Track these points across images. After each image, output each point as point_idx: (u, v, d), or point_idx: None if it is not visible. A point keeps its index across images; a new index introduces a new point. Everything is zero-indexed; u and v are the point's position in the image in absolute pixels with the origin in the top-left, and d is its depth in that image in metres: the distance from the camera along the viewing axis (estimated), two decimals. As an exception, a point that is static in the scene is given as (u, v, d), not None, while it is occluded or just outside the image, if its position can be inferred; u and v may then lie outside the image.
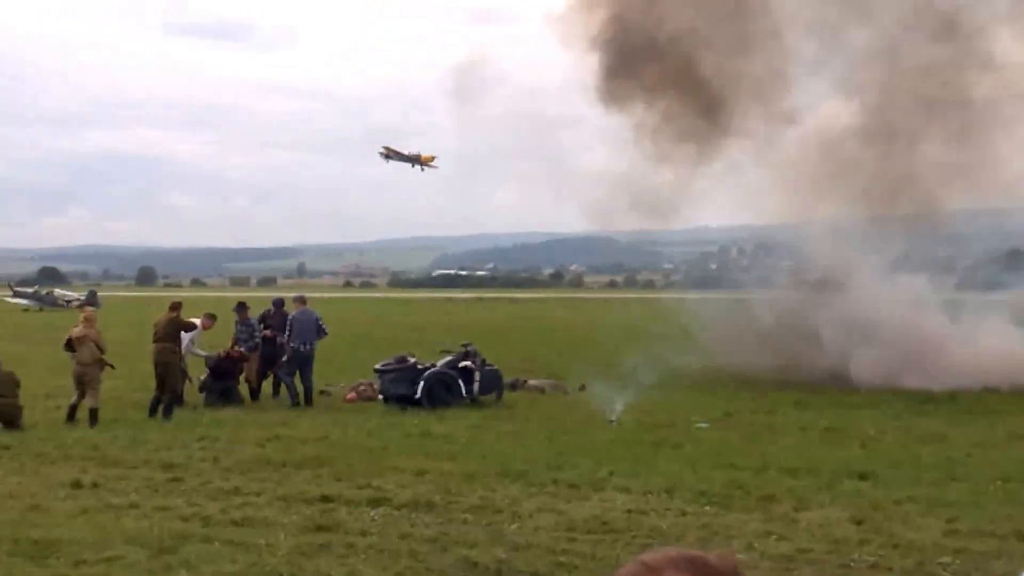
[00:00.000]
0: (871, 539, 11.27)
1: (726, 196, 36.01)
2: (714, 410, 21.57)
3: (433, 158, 58.10)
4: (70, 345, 19.82)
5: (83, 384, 19.48)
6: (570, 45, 33.22)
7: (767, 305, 31.74)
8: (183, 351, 22.03)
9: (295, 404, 21.74)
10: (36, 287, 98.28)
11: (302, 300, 23.59)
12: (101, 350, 19.66)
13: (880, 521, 11.99)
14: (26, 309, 78.67)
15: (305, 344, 22.39)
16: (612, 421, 19.62)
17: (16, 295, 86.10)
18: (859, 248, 30.82)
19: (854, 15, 30.15)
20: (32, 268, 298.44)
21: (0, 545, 10.76)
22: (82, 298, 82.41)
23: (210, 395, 22.45)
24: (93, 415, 19.07)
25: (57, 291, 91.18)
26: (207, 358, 23.01)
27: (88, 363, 19.47)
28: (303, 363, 22.40)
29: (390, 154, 65.15)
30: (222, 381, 22.69)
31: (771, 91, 30.53)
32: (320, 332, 22.94)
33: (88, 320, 20.22)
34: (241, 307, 23.72)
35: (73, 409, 19.45)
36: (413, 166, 64.15)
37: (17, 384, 19.06)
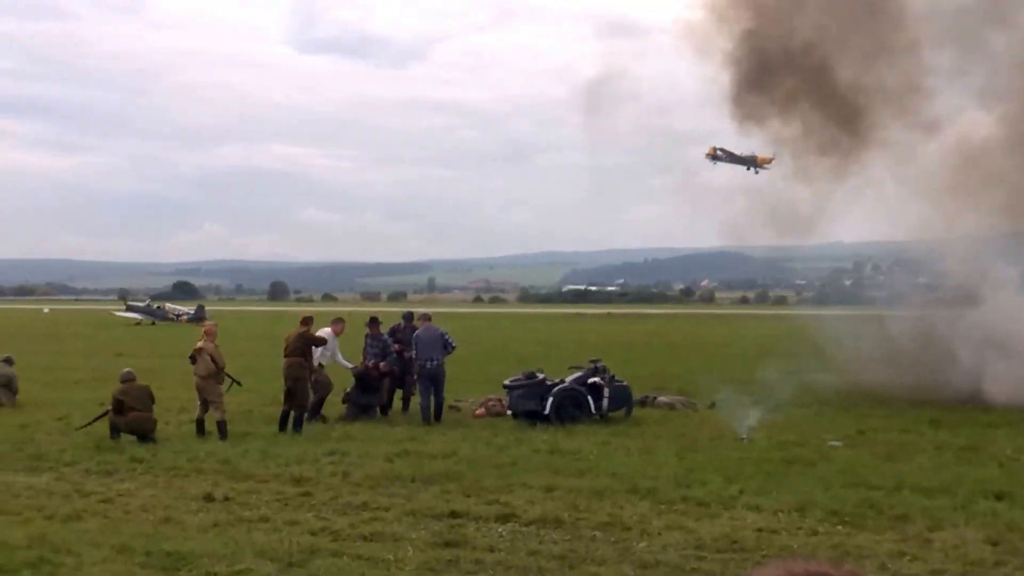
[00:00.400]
0: (1007, 560, 10.92)
1: (860, 211, 35.21)
2: (847, 428, 21.09)
3: (771, 159, 55.79)
4: (193, 358, 20.23)
5: (204, 397, 19.82)
6: (703, 59, 32.87)
7: (902, 322, 30.96)
8: (327, 361, 22.32)
9: (426, 421, 21.73)
10: (148, 301, 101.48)
11: (426, 317, 23.41)
12: (216, 364, 19.89)
13: (1016, 542, 11.62)
14: (138, 323, 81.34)
15: (431, 360, 22.11)
16: (743, 438, 19.31)
17: (129, 309, 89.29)
18: (998, 262, 29.87)
19: (994, 22, 29.28)
20: (167, 282, 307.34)
21: (133, 557, 11.01)
22: (191, 312, 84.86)
23: (353, 407, 22.65)
24: (221, 428, 19.34)
25: (168, 305, 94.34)
26: (352, 369, 23.19)
27: (205, 376, 19.79)
28: (431, 380, 22.19)
29: (720, 155, 62.79)
30: (367, 394, 22.90)
31: (910, 101, 29.80)
32: (447, 347, 22.54)
33: (208, 334, 20.53)
34: (373, 322, 23.87)
35: (200, 423, 19.74)
36: (748, 168, 61.78)
37: (152, 398, 19.51)
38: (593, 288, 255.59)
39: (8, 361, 25.06)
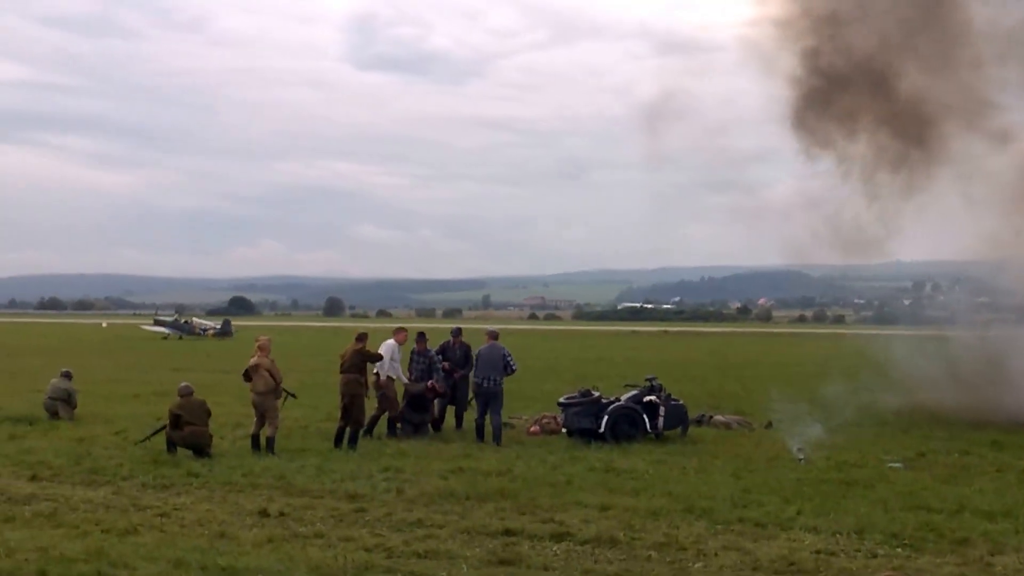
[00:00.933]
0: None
1: (922, 229, 34.69)
2: (907, 449, 20.78)
3: None
4: (247, 375, 20.21)
5: (261, 413, 19.87)
6: (764, 76, 32.61)
7: (963, 342, 30.49)
8: (386, 372, 22.28)
9: (479, 439, 21.46)
10: (176, 315, 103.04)
11: (492, 335, 22.74)
12: (275, 379, 19.93)
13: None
14: (165, 337, 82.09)
15: (488, 380, 21.73)
16: (801, 459, 19.08)
17: (156, 323, 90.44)
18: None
19: None
20: (223, 298, 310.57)
21: (189, 571, 11.04)
22: (217, 327, 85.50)
23: (406, 425, 22.63)
24: (269, 443, 19.40)
25: (195, 319, 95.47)
26: (407, 386, 23.09)
27: (263, 392, 19.78)
28: (488, 399, 21.81)
29: None
30: (419, 413, 22.89)
31: (976, 115, 29.37)
32: (507, 368, 22.03)
33: (262, 349, 20.43)
34: (421, 337, 23.84)
35: (255, 438, 19.74)
36: None
37: (208, 413, 19.57)
38: (649, 306, 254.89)
39: (67, 375, 25.35)
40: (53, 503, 14.68)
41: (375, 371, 22.29)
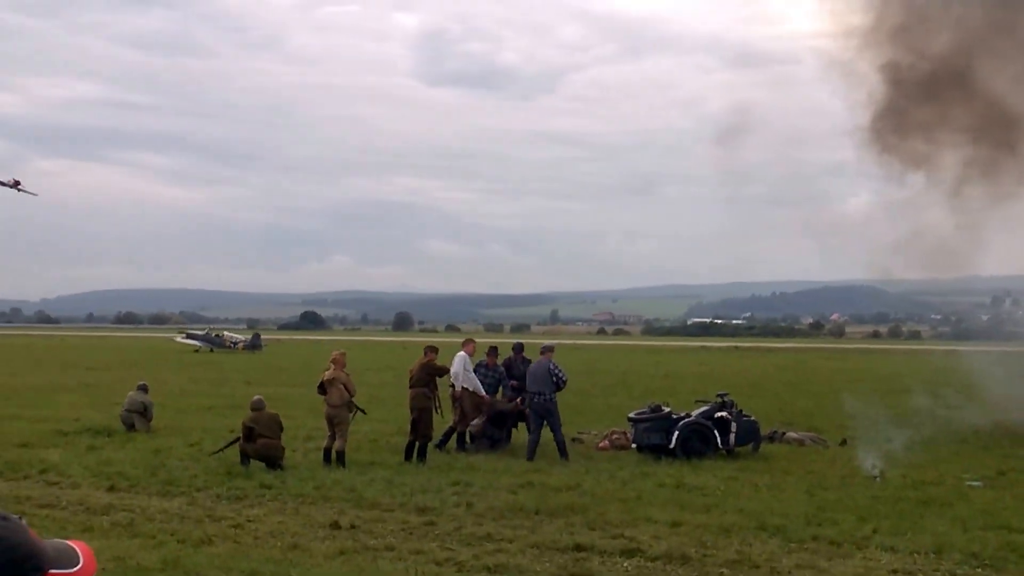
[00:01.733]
0: None
1: (1004, 241, 33.95)
2: (986, 468, 20.39)
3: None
4: (322, 388, 20.33)
5: (333, 426, 19.94)
6: (839, 88, 32.24)
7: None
8: (460, 383, 22.31)
9: (529, 457, 20.74)
10: (208, 329, 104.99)
11: (545, 349, 22.14)
12: (349, 392, 20.07)
13: None
14: (196, 350, 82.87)
15: (538, 395, 21.27)
16: (876, 477, 18.81)
17: (188, 336, 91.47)
18: None
19: None
20: (294, 312, 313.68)
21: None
22: (247, 340, 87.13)
23: (484, 440, 22.64)
24: (339, 456, 19.53)
25: (225, 333, 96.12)
26: (495, 402, 22.90)
27: (337, 405, 19.93)
28: (540, 415, 21.34)
29: None
30: (499, 429, 22.92)
31: None
32: (557, 382, 21.37)
33: (336, 362, 20.49)
34: (493, 352, 23.84)
35: (327, 451, 19.87)
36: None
37: (280, 426, 19.74)
38: (719, 321, 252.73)
39: (143, 388, 25.72)
40: (130, 513, 14.90)
41: (451, 383, 22.39)
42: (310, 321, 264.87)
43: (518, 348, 24.38)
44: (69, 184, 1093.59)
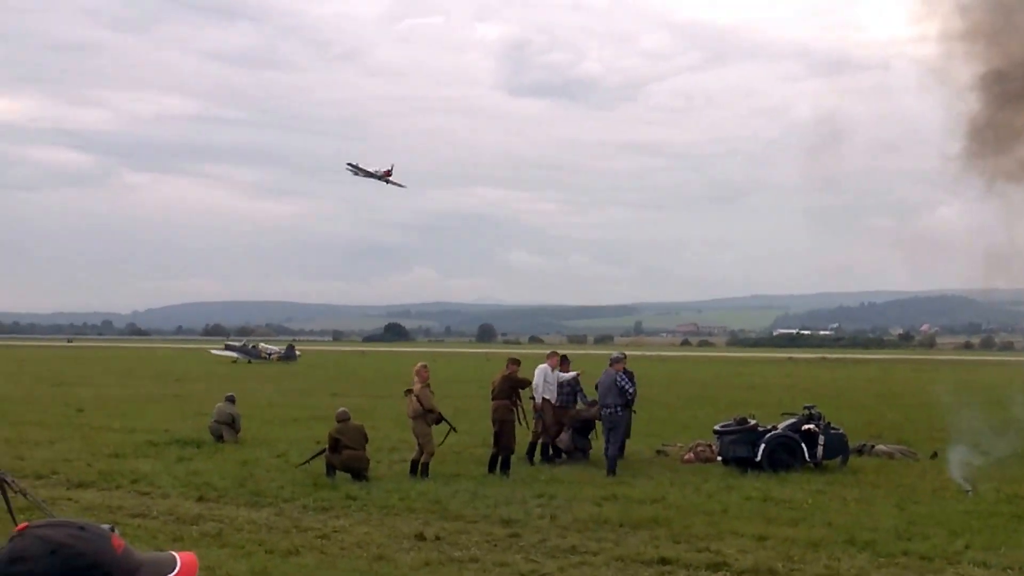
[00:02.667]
0: None
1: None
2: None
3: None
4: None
5: (417, 437, 19.94)
6: (930, 95, 31.60)
7: None
8: (541, 395, 22.32)
9: (609, 472, 20.43)
10: (245, 341, 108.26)
11: (614, 360, 21.66)
12: (422, 405, 19.80)
13: None
14: (235, 361, 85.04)
15: (607, 407, 21.06)
16: (968, 491, 18.44)
17: (227, 348, 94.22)
18: None
19: None
20: (379, 324, 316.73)
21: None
22: (281, 351, 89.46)
23: (577, 453, 22.59)
24: (423, 468, 19.48)
25: (261, 344, 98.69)
26: (580, 411, 22.80)
27: (412, 417, 19.96)
28: (609, 427, 21.02)
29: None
30: (586, 439, 22.92)
31: None
32: (623, 394, 21.01)
33: (418, 375, 20.36)
34: (564, 362, 23.82)
35: (414, 463, 19.82)
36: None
37: (366, 437, 19.87)
38: (806, 332, 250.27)
39: (231, 400, 26.07)
40: (218, 523, 15.09)
41: (531, 396, 22.39)
42: (394, 333, 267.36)
43: (563, 361, 24.27)
44: (157, 198, 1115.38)
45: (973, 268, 31.61)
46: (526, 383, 21.88)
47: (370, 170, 67.11)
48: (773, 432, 21.51)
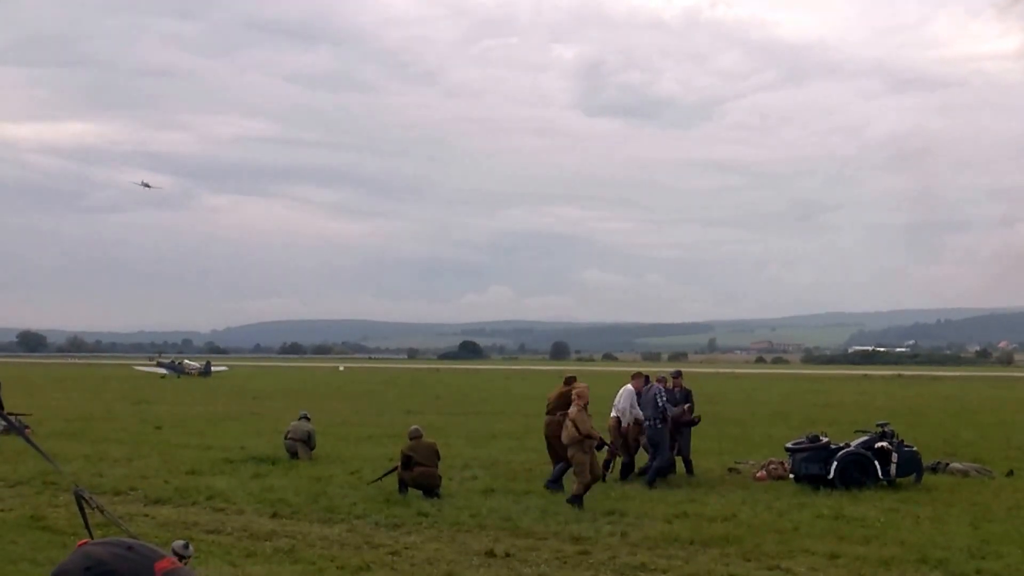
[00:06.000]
0: None
1: None
2: None
3: None
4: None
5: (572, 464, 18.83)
6: (1007, 111, 31.24)
7: None
8: (628, 419, 22.32)
9: (650, 484, 20.80)
10: (173, 358, 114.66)
11: (669, 378, 22.56)
12: (579, 431, 18.67)
13: None
14: (164, 376, 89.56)
15: (648, 420, 21.82)
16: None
17: (158, 364, 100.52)
18: None
19: None
20: (454, 342, 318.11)
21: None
22: (200, 367, 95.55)
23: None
24: (574, 499, 18.25)
25: (185, 361, 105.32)
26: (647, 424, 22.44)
27: (566, 444, 18.94)
28: (652, 441, 21.81)
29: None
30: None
31: None
32: (658, 408, 21.77)
33: (580, 397, 19.34)
34: (677, 375, 23.97)
35: (575, 496, 18.45)
36: None
37: (438, 455, 20.00)
38: (881, 349, 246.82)
39: (306, 417, 26.39)
40: (291, 539, 15.27)
41: (613, 414, 22.47)
42: (469, 350, 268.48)
43: (676, 375, 24.48)
44: (236, 219, 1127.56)
45: None
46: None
47: None
48: (846, 449, 21.37)
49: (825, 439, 21.86)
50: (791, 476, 21.90)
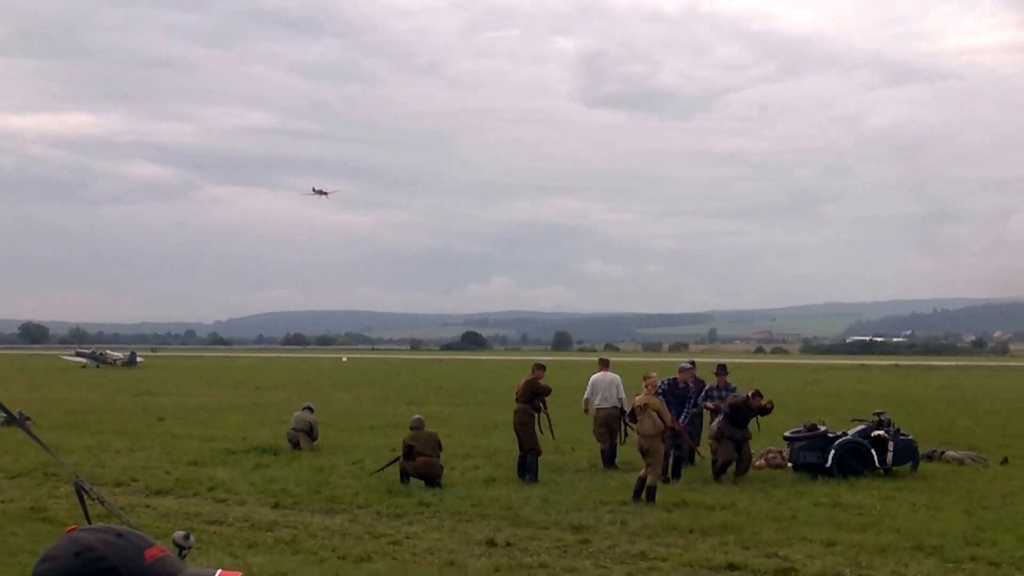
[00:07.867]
0: None
1: None
2: None
3: None
4: (633, 415, 19.42)
5: (645, 457, 18.51)
6: (1003, 103, 31.32)
7: None
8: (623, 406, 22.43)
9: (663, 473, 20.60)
10: (93, 348, 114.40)
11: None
12: (664, 422, 18.55)
13: None
14: (84, 366, 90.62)
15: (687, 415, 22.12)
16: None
17: (77, 354, 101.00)
18: None
19: None
20: (456, 333, 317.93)
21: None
22: (124, 358, 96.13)
23: (727, 443, 22.35)
24: (649, 492, 18.00)
25: (107, 351, 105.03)
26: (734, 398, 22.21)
27: (650, 435, 18.48)
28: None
29: None
30: (678, 448, 22.99)
31: None
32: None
33: (652, 386, 19.34)
34: (721, 369, 23.93)
35: (641, 483, 18.23)
36: None
37: (439, 445, 20.14)
38: (879, 339, 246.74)
39: (309, 408, 26.49)
40: (293, 530, 15.40)
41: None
42: (471, 341, 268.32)
43: (720, 369, 24.19)
44: (239, 210, 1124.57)
45: None
46: (547, 391, 21.71)
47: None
48: (843, 438, 21.52)
49: (822, 428, 22.01)
50: (789, 465, 22.06)
